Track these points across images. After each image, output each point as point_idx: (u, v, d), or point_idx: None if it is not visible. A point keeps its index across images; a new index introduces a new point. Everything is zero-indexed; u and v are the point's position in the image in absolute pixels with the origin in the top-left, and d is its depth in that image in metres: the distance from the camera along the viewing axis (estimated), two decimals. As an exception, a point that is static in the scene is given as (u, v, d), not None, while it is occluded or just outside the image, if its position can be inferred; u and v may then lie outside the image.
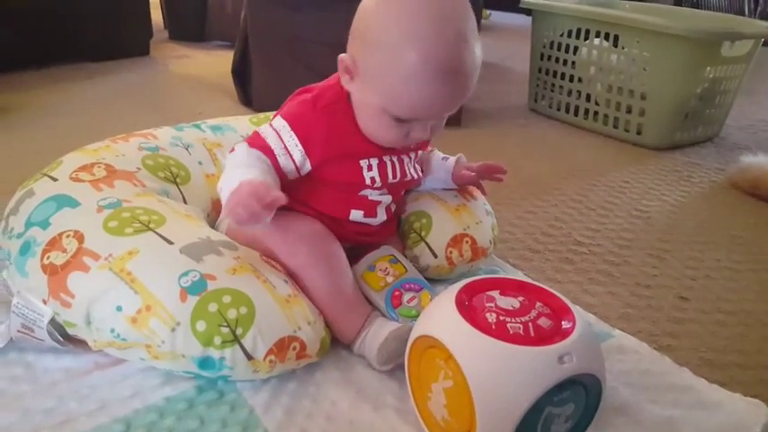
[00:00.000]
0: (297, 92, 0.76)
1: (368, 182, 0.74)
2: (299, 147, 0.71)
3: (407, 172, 0.78)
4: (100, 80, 1.99)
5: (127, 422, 0.60)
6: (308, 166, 0.72)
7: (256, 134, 0.73)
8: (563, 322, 0.56)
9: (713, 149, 1.64)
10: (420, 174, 0.82)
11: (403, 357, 0.62)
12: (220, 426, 0.60)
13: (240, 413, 0.62)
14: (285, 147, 0.71)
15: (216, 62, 2.31)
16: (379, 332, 0.68)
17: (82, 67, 2.09)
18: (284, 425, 0.61)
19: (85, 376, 0.65)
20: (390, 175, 0.76)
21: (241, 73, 1.72)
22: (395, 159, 0.76)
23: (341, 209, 0.76)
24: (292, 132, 0.71)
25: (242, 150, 0.71)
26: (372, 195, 0.77)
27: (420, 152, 0.81)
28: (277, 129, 0.71)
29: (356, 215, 0.76)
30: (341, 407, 0.63)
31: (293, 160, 0.71)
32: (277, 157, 0.71)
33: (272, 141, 0.71)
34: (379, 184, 0.75)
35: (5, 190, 0.78)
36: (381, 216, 0.78)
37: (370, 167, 0.74)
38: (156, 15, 2.55)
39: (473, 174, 0.86)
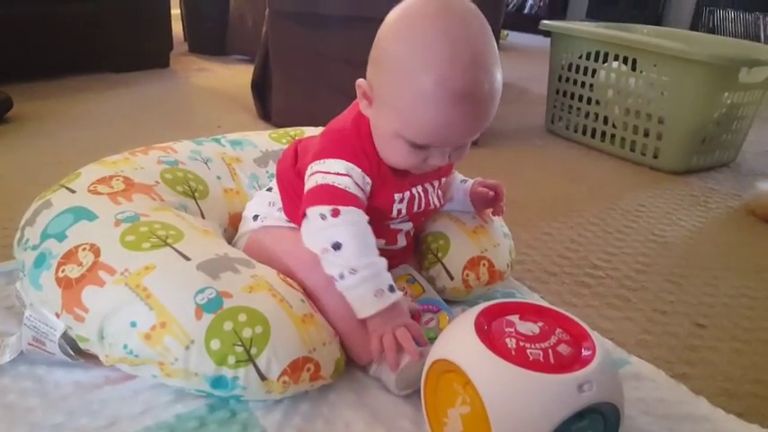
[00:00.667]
0: (327, 129, 0.74)
1: (394, 214, 0.74)
2: (369, 182, 0.70)
3: (431, 201, 0.77)
4: (120, 91, 2.00)
5: (137, 439, 0.59)
6: None
7: (332, 189, 0.67)
8: (583, 350, 0.55)
9: (730, 175, 1.62)
10: (442, 201, 0.81)
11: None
12: (231, 446, 0.59)
13: (252, 433, 0.61)
14: (362, 188, 0.69)
15: (235, 76, 2.32)
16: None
17: (102, 78, 2.11)
18: (296, 446, 0.60)
19: (96, 391, 0.65)
20: (416, 206, 0.75)
21: (260, 87, 1.72)
22: (421, 191, 0.76)
23: None
24: (360, 171, 0.69)
25: (353, 217, 0.67)
26: (394, 224, 0.76)
27: (443, 179, 0.80)
28: (347, 172, 0.68)
29: (378, 243, 0.75)
30: (355, 430, 0.62)
31: (367, 197, 0.70)
32: (362, 203, 0.69)
33: (355, 190, 0.68)
34: (404, 216, 0.75)
35: (24, 200, 0.78)
36: (402, 242, 0.78)
37: (401, 200, 0.73)
38: (177, 28, 2.57)
39: (488, 191, 0.85)
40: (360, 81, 0.69)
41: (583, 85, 1.74)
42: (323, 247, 0.66)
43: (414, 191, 0.75)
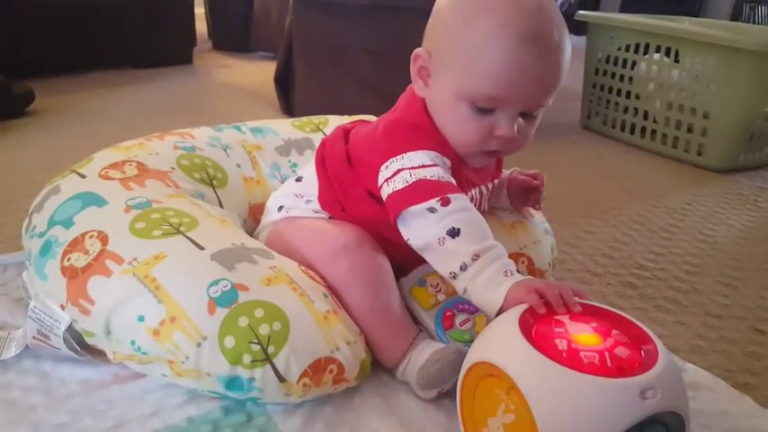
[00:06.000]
0: (390, 121, 0.67)
1: None
2: (449, 164, 0.63)
3: (483, 205, 0.71)
4: (142, 87, 1.99)
5: (144, 444, 0.54)
6: None
7: (427, 183, 0.59)
8: (643, 352, 0.48)
9: (780, 174, 1.53)
10: (488, 205, 0.74)
11: (447, 383, 0.55)
12: (247, 453, 0.54)
13: (269, 440, 0.55)
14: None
15: (259, 72, 2.29)
16: (421, 354, 0.61)
17: (125, 74, 2.10)
18: (318, 456, 0.54)
19: (103, 390, 0.60)
20: None
21: (284, 80, 1.69)
22: (477, 194, 0.70)
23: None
24: (444, 157, 0.62)
25: (463, 203, 0.59)
26: None
27: (496, 181, 0.74)
28: (434, 162, 0.61)
29: None
30: (382, 438, 0.56)
31: None
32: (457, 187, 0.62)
33: (449, 177, 0.61)
34: None
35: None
36: None
37: None
38: (201, 26, 2.56)
39: (531, 178, 0.79)
40: (416, 51, 0.64)
41: (621, 78, 1.67)
42: (438, 237, 0.58)
43: (473, 192, 0.68)
